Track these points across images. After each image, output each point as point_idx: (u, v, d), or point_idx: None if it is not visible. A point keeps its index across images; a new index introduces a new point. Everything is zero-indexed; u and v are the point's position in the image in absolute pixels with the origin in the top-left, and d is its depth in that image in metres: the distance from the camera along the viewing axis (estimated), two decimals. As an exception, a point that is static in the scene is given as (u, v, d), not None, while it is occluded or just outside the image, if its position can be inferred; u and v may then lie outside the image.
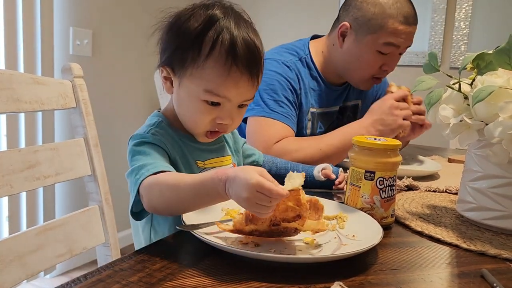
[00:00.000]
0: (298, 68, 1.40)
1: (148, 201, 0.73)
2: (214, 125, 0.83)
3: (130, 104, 2.57)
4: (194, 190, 0.68)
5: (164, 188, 0.71)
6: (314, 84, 1.43)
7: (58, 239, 0.95)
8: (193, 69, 0.80)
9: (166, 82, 0.87)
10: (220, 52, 0.78)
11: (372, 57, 1.33)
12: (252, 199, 0.59)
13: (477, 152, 0.82)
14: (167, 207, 0.73)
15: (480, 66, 0.79)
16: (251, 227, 0.63)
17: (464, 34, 2.38)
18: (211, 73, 0.79)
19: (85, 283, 0.51)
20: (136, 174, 0.75)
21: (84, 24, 2.32)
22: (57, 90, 1.00)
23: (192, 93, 0.81)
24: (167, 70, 0.85)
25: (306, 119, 1.42)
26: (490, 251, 0.69)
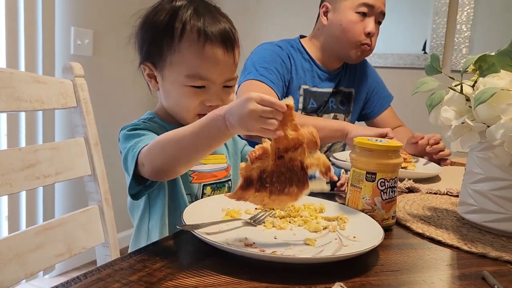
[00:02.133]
0: (289, 50, 1.56)
1: (150, 163, 0.73)
2: (204, 108, 0.85)
3: (130, 104, 2.57)
4: (195, 134, 0.68)
5: (165, 143, 0.71)
6: (308, 65, 1.58)
7: (57, 238, 0.94)
8: (171, 56, 0.83)
9: (151, 80, 0.90)
10: (191, 31, 0.82)
11: (352, 18, 1.49)
12: (255, 112, 0.60)
13: (479, 154, 0.82)
14: (171, 161, 0.72)
15: (482, 68, 0.79)
16: (258, 165, 0.62)
17: (466, 37, 2.38)
18: (188, 54, 0.82)
19: (84, 282, 0.50)
20: (133, 149, 0.76)
21: (85, 24, 2.32)
22: (57, 89, 1.00)
23: (176, 81, 0.84)
24: (148, 66, 0.88)
25: (298, 94, 1.54)
26: (491, 253, 0.69)
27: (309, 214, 0.78)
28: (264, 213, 0.78)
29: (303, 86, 1.54)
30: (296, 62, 1.55)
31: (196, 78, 0.83)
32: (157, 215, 0.86)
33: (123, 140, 0.83)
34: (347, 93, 1.66)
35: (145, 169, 0.74)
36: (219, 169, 0.93)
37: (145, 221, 0.89)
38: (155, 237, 0.86)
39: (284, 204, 0.65)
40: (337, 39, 1.53)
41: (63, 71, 1.06)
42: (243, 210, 0.80)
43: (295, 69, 1.53)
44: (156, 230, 0.86)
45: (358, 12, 1.49)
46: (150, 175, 0.75)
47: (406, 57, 2.51)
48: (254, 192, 0.63)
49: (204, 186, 0.90)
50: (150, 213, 0.88)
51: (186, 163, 0.74)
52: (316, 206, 0.82)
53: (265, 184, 0.62)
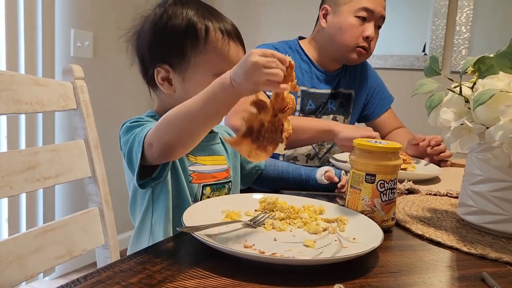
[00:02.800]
0: (286, 51, 1.56)
1: (158, 140, 0.72)
2: None
3: (130, 106, 2.58)
4: (202, 102, 0.69)
5: (172, 117, 0.71)
6: (306, 66, 1.58)
7: (57, 240, 0.94)
8: (196, 57, 0.85)
9: (163, 83, 0.89)
10: (215, 32, 0.85)
11: (351, 22, 1.50)
12: (258, 64, 0.62)
13: (478, 156, 0.82)
14: (179, 134, 0.71)
15: (481, 70, 0.79)
16: (261, 117, 0.65)
17: (465, 38, 2.39)
18: (214, 54, 0.84)
19: (84, 284, 0.51)
20: (139, 134, 0.76)
21: (85, 26, 2.33)
22: (57, 91, 1.00)
23: (202, 82, 0.82)
24: (165, 69, 0.87)
25: (296, 95, 1.53)
26: (490, 254, 0.69)
27: (309, 216, 0.78)
28: (264, 215, 0.78)
29: (301, 88, 1.54)
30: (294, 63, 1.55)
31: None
32: (161, 210, 0.86)
33: (125, 132, 0.82)
34: (346, 95, 1.65)
35: (153, 150, 0.73)
36: (218, 170, 0.93)
37: (149, 216, 0.88)
38: (158, 232, 0.86)
39: (260, 159, 0.67)
40: (335, 42, 1.53)
41: (63, 73, 1.06)
42: (243, 212, 0.80)
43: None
44: (160, 225, 0.86)
45: (357, 16, 1.49)
46: (159, 155, 0.74)
47: (406, 58, 2.52)
48: (249, 141, 0.65)
49: (203, 187, 0.90)
50: (153, 208, 0.87)
51: (195, 134, 0.73)
52: (316, 207, 0.83)
53: (259, 137, 0.65)
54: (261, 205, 0.83)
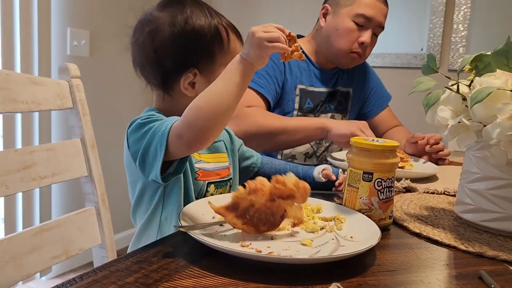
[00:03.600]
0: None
1: (190, 128, 0.73)
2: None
3: (127, 105, 2.57)
4: (225, 81, 0.74)
5: (199, 103, 0.73)
6: (304, 64, 1.58)
7: (54, 240, 0.94)
8: (222, 58, 0.88)
9: (188, 87, 0.88)
10: (231, 30, 0.90)
11: (348, 26, 1.49)
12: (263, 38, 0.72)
13: (475, 154, 0.82)
14: (212, 116, 0.73)
15: (478, 68, 0.79)
16: (252, 198, 0.64)
17: (463, 37, 2.39)
18: (234, 53, 0.86)
19: (80, 283, 0.50)
20: (161, 128, 0.75)
21: (81, 25, 2.32)
22: (54, 90, 1.00)
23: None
24: (194, 73, 0.87)
25: (294, 93, 1.54)
26: (488, 252, 0.69)
27: (306, 215, 0.78)
28: (261, 214, 0.78)
29: (299, 86, 1.54)
30: (291, 62, 1.53)
31: None
32: (173, 207, 0.85)
33: (136, 129, 0.80)
34: (344, 93, 1.65)
35: (184, 140, 0.73)
36: (221, 167, 0.93)
37: (158, 213, 0.86)
38: (169, 229, 0.84)
39: (249, 233, 0.67)
40: (330, 43, 1.53)
41: (59, 72, 1.06)
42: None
43: (289, 69, 1.52)
44: (171, 221, 0.85)
45: (355, 21, 1.48)
46: (190, 144, 0.74)
47: (403, 56, 2.52)
48: (233, 216, 0.65)
49: (208, 184, 0.90)
50: (163, 205, 0.86)
51: (226, 112, 0.74)
52: (313, 206, 0.82)
53: (246, 215, 0.65)
54: (259, 204, 0.83)
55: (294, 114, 1.54)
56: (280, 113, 1.51)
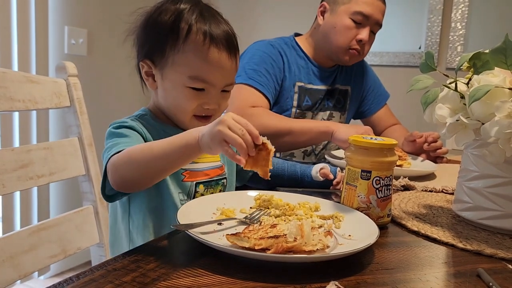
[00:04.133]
0: (282, 47, 1.55)
1: (115, 173, 0.72)
2: (201, 110, 0.86)
3: (125, 104, 2.56)
4: (167, 144, 0.70)
5: (133, 154, 0.72)
6: (302, 62, 1.58)
7: (51, 239, 0.94)
8: (174, 56, 0.84)
9: (148, 78, 0.90)
10: (197, 33, 0.83)
11: (346, 23, 1.49)
12: (221, 134, 0.65)
13: (474, 152, 0.82)
14: (136, 171, 0.72)
15: (476, 66, 0.79)
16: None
17: (461, 35, 2.39)
18: (192, 56, 0.83)
19: (77, 282, 0.50)
20: (108, 151, 0.76)
21: (79, 23, 2.31)
22: (51, 89, 1.00)
23: (177, 81, 0.84)
24: (148, 64, 0.88)
25: (293, 91, 1.54)
26: (486, 250, 0.69)
27: (304, 213, 0.78)
28: (259, 212, 0.78)
29: (298, 84, 1.54)
30: (290, 59, 1.54)
31: (199, 80, 0.83)
32: (139, 217, 0.85)
33: (107, 136, 0.82)
34: (343, 91, 1.65)
35: (110, 178, 0.74)
36: (212, 167, 0.92)
37: (125, 222, 0.88)
38: (137, 239, 0.85)
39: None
40: (328, 40, 1.52)
41: (56, 70, 1.05)
42: (238, 210, 0.79)
43: (288, 66, 1.52)
44: (138, 233, 0.85)
45: (353, 19, 1.48)
46: (113, 185, 0.74)
47: (402, 55, 2.52)
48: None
49: (196, 184, 0.89)
50: (130, 214, 0.87)
51: (151, 176, 0.74)
52: (312, 204, 0.82)
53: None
54: (256, 202, 0.83)
55: (292, 112, 1.53)
56: (279, 111, 1.51)
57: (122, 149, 0.74)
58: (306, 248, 0.59)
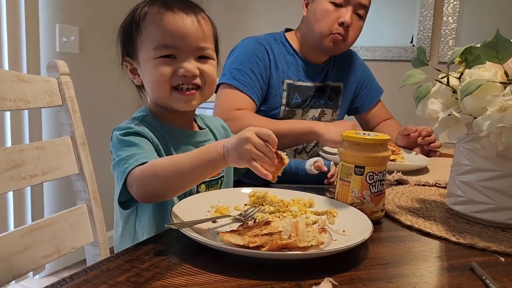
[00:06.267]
0: (270, 44, 1.52)
1: (140, 188, 0.73)
2: (177, 78, 0.85)
3: (118, 102, 2.55)
4: (192, 157, 0.72)
5: (159, 169, 0.72)
6: (292, 59, 1.55)
7: (45, 239, 0.93)
8: (139, 38, 0.86)
9: (134, 76, 0.91)
10: (151, 8, 0.85)
11: (325, 7, 1.45)
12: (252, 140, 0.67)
13: (466, 146, 0.83)
14: (163, 188, 0.73)
15: (468, 60, 0.79)
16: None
17: (452, 29, 2.39)
18: (151, 29, 0.84)
19: (71, 284, 0.50)
20: (125, 163, 0.76)
21: (70, 21, 2.29)
22: (42, 87, 0.99)
23: (147, 59, 0.85)
24: (128, 61, 0.90)
25: (281, 89, 1.51)
26: (479, 244, 0.70)
27: (299, 209, 0.78)
28: (253, 209, 0.78)
29: (287, 81, 1.51)
30: (277, 56, 1.51)
31: (162, 47, 0.83)
32: (145, 217, 0.86)
33: (116, 143, 0.82)
34: (335, 88, 1.64)
35: (133, 191, 0.75)
36: None
37: (132, 222, 0.88)
38: (142, 239, 0.86)
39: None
40: (311, 29, 1.49)
41: (47, 69, 1.04)
42: (233, 207, 0.79)
43: (274, 64, 1.49)
44: (144, 232, 0.86)
45: (332, 1, 1.44)
46: (138, 198, 0.75)
47: (394, 50, 2.52)
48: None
49: (198, 185, 0.89)
50: (137, 214, 0.87)
51: (179, 189, 0.75)
52: (306, 200, 0.82)
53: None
54: (251, 199, 0.83)
55: (281, 110, 1.51)
56: (267, 109, 1.49)
57: (142, 162, 0.74)
58: (300, 244, 0.59)
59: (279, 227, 0.65)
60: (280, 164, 0.70)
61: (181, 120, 0.92)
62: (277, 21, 2.75)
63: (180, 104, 0.86)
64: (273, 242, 0.58)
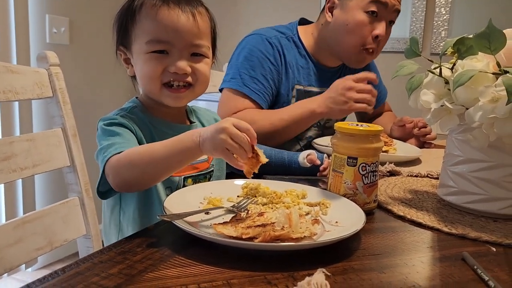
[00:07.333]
0: (281, 44, 1.40)
1: (116, 176, 0.73)
2: (168, 75, 0.84)
3: (109, 93, 2.53)
4: (168, 147, 0.71)
5: (135, 157, 0.72)
6: (303, 62, 1.44)
7: (37, 232, 0.93)
8: (134, 30, 0.85)
9: (128, 66, 0.90)
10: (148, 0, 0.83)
11: (360, 19, 1.33)
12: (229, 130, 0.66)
13: (458, 137, 0.83)
14: (138, 176, 0.73)
15: (460, 51, 0.79)
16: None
17: (445, 20, 2.40)
18: (146, 22, 0.83)
19: (62, 276, 0.49)
20: (104, 152, 0.76)
21: (60, 12, 2.26)
22: (32, 79, 0.97)
23: (140, 51, 0.84)
24: (122, 50, 0.89)
25: (290, 95, 1.41)
26: (470, 234, 0.70)
27: (292, 201, 0.78)
28: (246, 201, 0.77)
29: (297, 87, 1.42)
30: (289, 59, 1.40)
31: (155, 42, 0.82)
32: (129, 209, 0.85)
33: (100, 133, 0.82)
34: None
35: (110, 180, 0.75)
36: (199, 161, 0.92)
37: (116, 214, 0.88)
38: (127, 231, 0.86)
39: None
40: (339, 40, 1.38)
41: (37, 60, 1.03)
42: (225, 199, 0.79)
43: (285, 69, 1.39)
44: (128, 225, 0.85)
45: (367, 11, 1.33)
46: (114, 187, 0.75)
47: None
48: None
49: (185, 179, 0.88)
50: (121, 207, 0.87)
51: (155, 178, 0.75)
52: (298, 192, 0.82)
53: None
54: (244, 191, 0.83)
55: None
56: None
57: (120, 151, 0.74)
58: (293, 236, 0.59)
59: (272, 218, 0.65)
60: (256, 161, 0.70)
61: (171, 113, 0.91)
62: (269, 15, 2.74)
63: (170, 101, 0.86)
64: (266, 234, 0.58)
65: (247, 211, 0.73)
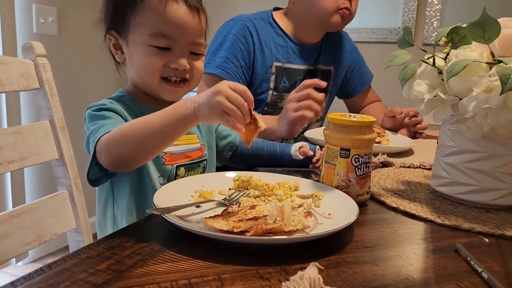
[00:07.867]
0: (255, 25, 1.46)
1: (109, 153, 0.71)
2: (168, 70, 0.84)
3: (98, 85, 2.49)
4: (161, 116, 0.69)
5: (128, 130, 0.70)
6: (281, 40, 1.50)
7: (25, 226, 0.91)
8: (135, 18, 0.82)
9: (117, 52, 0.88)
10: None
11: None
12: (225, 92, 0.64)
13: (451, 127, 0.82)
14: (132, 150, 0.71)
15: (454, 40, 0.78)
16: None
17: (437, 10, 2.39)
18: (151, 13, 0.81)
19: (49, 273, 0.48)
20: (94, 133, 0.74)
21: (47, 1, 2.22)
22: (18, 70, 0.95)
23: (140, 42, 0.82)
24: (114, 35, 0.86)
25: (269, 72, 1.46)
26: (463, 225, 0.70)
27: (284, 193, 0.77)
28: (238, 193, 0.76)
29: (275, 64, 1.47)
30: (265, 38, 1.45)
31: (160, 36, 0.81)
32: (123, 201, 0.84)
33: (88, 120, 0.80)
34: (325, 71, 1.59)
35: (103, 159, 0.72)
36: (192, 149, 0.91)
37: (110, 207, 0.87)
38: (121, 224, 0.84)
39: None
40: (314, 8, 1.42)
41: (23, 50, 1.00)
42: (217, 191, 0.78)
43: (260, 46, 1.44)
44: (123, 217, 0.84)
45: None
46: (108, 165, 0.73)
47: (379, 31, 2.51)
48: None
49: (177, 167, 0.87)
50: (114, 199, 0.86)
51: (149, 151, 0.72)
52: (291, 184, 0.81)
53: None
54: (235, 184, 0.82)
55: (269, 94, 1.47)
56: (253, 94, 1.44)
57: (108, 130, 0.72)
58: (286, 229, 0.58)
59: (265, 211, 0.64)
60: (255, 126, 0.68)
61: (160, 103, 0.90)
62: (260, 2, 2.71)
63: (167, 94, 0.86)
64: (258, 227, 0.57)
65: (239, 204, 0.72)
